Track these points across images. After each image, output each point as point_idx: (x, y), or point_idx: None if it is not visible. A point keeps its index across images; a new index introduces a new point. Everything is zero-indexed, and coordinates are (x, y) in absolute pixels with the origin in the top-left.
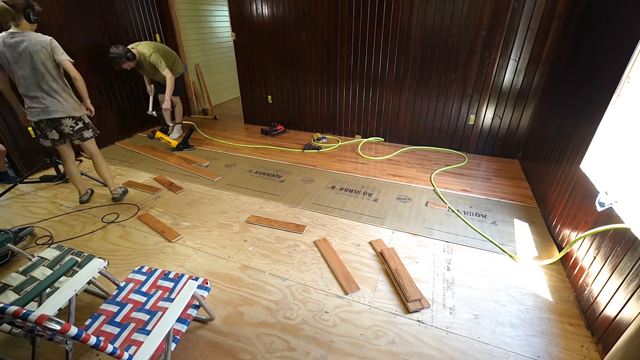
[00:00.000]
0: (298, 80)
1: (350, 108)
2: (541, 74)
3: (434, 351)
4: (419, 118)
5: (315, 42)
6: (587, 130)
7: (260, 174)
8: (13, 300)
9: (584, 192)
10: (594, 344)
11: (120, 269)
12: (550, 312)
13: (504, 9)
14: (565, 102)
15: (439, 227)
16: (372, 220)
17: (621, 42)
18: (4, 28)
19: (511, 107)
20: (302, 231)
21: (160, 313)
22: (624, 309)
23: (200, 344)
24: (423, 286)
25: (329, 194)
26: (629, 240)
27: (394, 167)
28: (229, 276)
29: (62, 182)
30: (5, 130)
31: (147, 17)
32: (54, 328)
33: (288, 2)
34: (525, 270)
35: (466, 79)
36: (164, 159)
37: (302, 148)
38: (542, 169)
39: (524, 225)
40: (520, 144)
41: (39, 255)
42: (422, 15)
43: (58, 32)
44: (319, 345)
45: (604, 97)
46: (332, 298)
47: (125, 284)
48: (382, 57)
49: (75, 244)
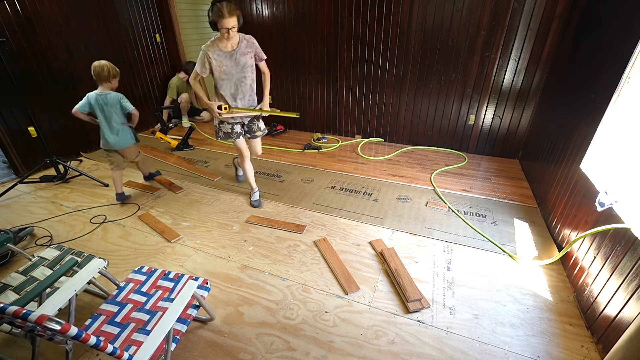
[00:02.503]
0: (298, 80)
1: (350, 108)
2: (541, 74)
3: (434, 351)
4: (419, 118)
5: (315, 42)
6: (587, 130)
7: (260, 174)
8: (13, 300)
9: (584, 192)
10: (594, 344)
11: (120, 269)
12: (550, 312)
13: (504, 9)
14: (565, 102)
15: (439, 227)
16: (372, 220)
17: (621, 41)
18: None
19: (511, 107)
20: (302, 231)
21: (160, 313)
22: (624, 309)
23: (200, 344)
24: (423, 286)
25: (329, 194)
26: (629, 240)
27: (394, 167)
28: (229, 276)
29: (62, 182)
30: (5, 130)
31: (147, 17)
32: (54, 328)
33: (288, 2)
34: (525, 270)
35: (466, 79)
36: (164, 159)
37: (302, 148)
38: (542, 169)
39: (524, 225)
40: (520, 144)
41: (39, 255)
42: (422, 15)
43: (58, 32)
44: (319, 345)
45: (604, 97)
46: (332, 298)
47: (125, 284)
48: (382, 57)
49: (75, 244)
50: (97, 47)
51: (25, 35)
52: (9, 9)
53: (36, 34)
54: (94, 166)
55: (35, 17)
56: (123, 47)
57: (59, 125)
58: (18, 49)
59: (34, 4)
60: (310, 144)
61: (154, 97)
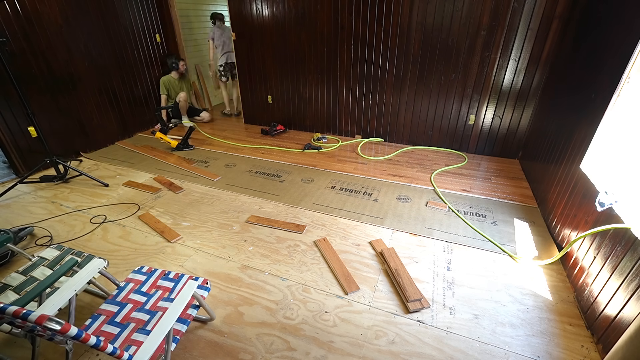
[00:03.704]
0: (298, 80)
1: (350, 108)
2: (541, 74)
3: (434, 351)
4: (419, 118)
5: (315, 42)
6: (587, 130)
7: (260, 174)
8: (13, 300)
9: (584, 192)
10: (594, 344)
11: (120, 269)
12: (550, 312)
13: (504, 9)
14: (565, 102)
15: (439, 227)
16: (372, 220)
17: (621, 41)
18: None
19: (511, 107)
20: (302, 231)
21: (160, 313)
22: (624, 309)
23: (200, 344)
24: (423, 286)
25: (329, 194)
26: (629, 240)
27: (394, 167)
28: (229, 276)
29: (62, 182)
30: (5, 130)
31: (147, 17)
32: (54, 328)
33: (288, 2)
34: (525, 270)
35: (466, 79)
36: (164, 159)
37: (302, 148)
38: (542, 169)
39: (524, 225)
40: (520, 144)
41: (39, 255)
42: (422, 15)
43: (58, 32)
44: (319, 345)
45: (604, 97)
46: (332, 298)
47: (125, 284)
48: (382, 57)
49: (75, 244)
50: (97, 47)
51: (25, 35)
52: (9, 9)
53: (36, 34)
54: (94, 166)
55: (35, 17)
56: (123, 47)
57: (59, 125)
58: (18, 49)
59: (34, 4)
60: (310, 144)
61: (154, 97)
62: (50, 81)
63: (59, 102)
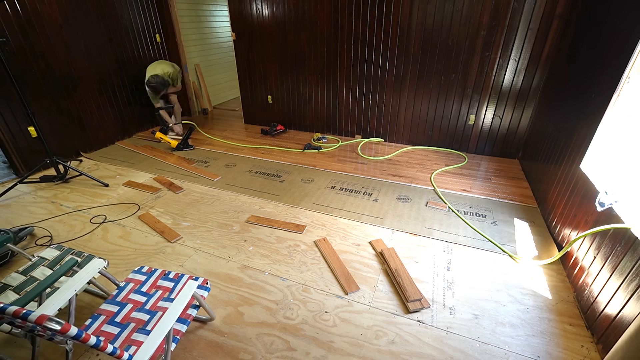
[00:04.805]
0: (298, 80)
1: (350, 108)
2: (541, 74)
3: (434, 351)
4: (419, 118)
5: (315, 42)
6: (587, 130)
7: (260, 174)
8: (13, 300)
9: (584, 192)
10: (594, 344)
11: (120, 269)
12: (550, 312)
13: (504, 9)
14: (565, 102)
15: (439, 227)
16: (372, 220)
17: (621, 42)
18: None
19: (511, 107)
20: (302, 231)
21: (160, 313)
22: (624, 308)
23: (200, 344)
24: (423, 286)
25: (329, 194)
26: (629, 240)
27: (394, 167)
28: (229, 276)
29: (62, 182)
30: (5, 130)
31: (147, 17)
32: (54, 328)
33: (288, 2)
34: (525, 270)
35: (466, 79)
36: (164, 159)
37: (302, 148)
38: (542, 169)
39: (524, 225)
40: (520, 144)
41: (39, 255)
42: (422, 15)
43: (58, 32)
44: (319, 345)
45: (604, 97)
46: (332, 298)
47: (125, 284)
48: (382, 57)
49: (75, 244)
50: (97, 47)
51: (25, 35)
52: (9, 9)
53: (36, 34)
54: (94, 166)
55: (35, 17)
56: (123, 47)
57: (59, 125)
58: (18, 48)
59: (34, 4)
60: (310, 144)
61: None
62: (50, 81)
63: (59, 102)
